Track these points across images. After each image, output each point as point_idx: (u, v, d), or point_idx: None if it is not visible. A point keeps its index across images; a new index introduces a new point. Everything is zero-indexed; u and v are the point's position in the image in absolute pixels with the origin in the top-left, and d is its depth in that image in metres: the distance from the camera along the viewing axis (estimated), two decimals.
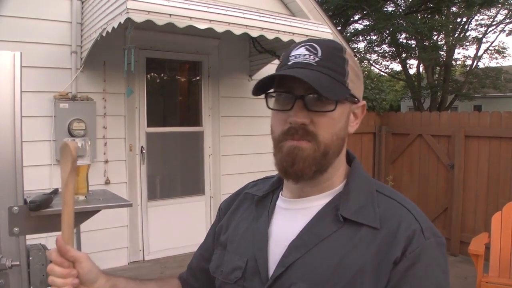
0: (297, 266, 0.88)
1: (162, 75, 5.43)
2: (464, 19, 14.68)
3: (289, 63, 0.90)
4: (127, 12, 3.38)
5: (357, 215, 0.89)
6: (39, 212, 1.44)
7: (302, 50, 0.90)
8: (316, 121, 0.87)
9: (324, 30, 4.66)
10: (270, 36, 4.19)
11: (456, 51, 15.37)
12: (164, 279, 1.20)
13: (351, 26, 16.18)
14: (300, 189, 0.95)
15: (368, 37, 16.01)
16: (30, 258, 1.64)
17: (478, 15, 14.69)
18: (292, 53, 0.91)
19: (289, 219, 0.95)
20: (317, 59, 0.88)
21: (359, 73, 0.95)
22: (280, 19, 4.37)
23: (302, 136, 0.87)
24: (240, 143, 5.53)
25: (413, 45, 14.93)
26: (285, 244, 0.91)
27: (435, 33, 14.27)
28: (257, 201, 1.04)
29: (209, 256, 1.10)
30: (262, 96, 0.93)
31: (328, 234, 0.88)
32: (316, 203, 0.93)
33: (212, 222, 1.18)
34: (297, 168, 0.88)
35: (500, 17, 14.93)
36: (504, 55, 16.27)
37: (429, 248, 0.85)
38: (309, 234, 0.90)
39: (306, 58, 0.88)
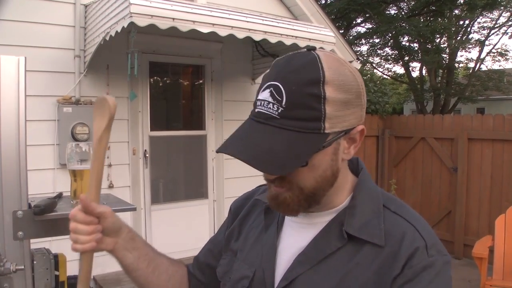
0: (300, 282, 0.87)
1: (165, 79, 5.44)
2: (467, 22, 14.70)
3: (255, 110, 0.82)
4: (131, 16, 3.39)
5: (361, 231, 0.86)
6: (43, 216, 1.44)
7: (266, 95, 0.80)
8: (292, 173, 0.82)
9: (327, 34, 4.66)
10: (273, 39, 4.19)
11: (459, 53, 15.40)
12: (174, 260, 1.18)
13: (353, 29, 16.20)
14: None
15: (371, 40, 16.01)
16: (35, 262, 1.64)
17: (481, 17, 14.71)
18: (259, 96, 0.82)
19: (297, 233, 0.94)
20: (281, 109, 0.78)
21: (350, 96, 0.81)
22: (283, 23, 4.38)
23: (281, 184, 0.85)
24: None
25: (416, 48, 14.93)
26: (291, 258, 0.91)
27: (437, 35, 14.26)
28: (266, 209, 1.01)
29: (218, 253, 1.11)
30: None
31: (332, 250, 0.87)
32: (324, 218, 0.91)
33: (215, 226, 1.17)
34: (283, 211, 0.89)
35: (502, 20, 14.95)
36: (507, 57, 16.28)
37: (432, 266, 0.80)
38: (314, 250, 0.89)
39: (270, 108, 0.79)
